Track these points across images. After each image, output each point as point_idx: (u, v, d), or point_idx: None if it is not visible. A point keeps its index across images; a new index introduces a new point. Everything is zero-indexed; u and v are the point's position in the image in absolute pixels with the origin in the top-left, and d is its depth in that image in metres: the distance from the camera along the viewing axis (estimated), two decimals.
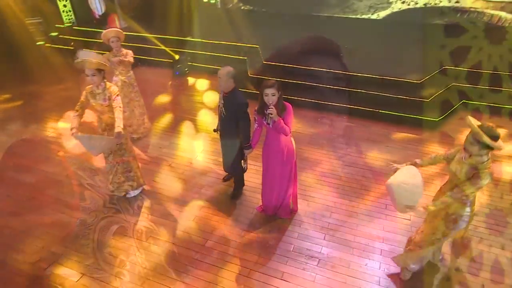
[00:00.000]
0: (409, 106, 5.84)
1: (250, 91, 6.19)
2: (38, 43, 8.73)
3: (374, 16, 8.97)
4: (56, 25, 9.12)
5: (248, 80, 6.73)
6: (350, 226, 3.94)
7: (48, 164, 5.02)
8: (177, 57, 7.47)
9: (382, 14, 8.88)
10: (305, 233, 3.85)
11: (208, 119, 6.08)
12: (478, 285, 3.30)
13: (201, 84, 7.43)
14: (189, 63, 7.59)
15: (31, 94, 7.07)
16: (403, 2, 8.61)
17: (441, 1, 8.30)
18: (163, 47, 8.03)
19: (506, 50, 6.89)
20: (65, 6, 9.08)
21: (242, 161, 3.93)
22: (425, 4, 8.44)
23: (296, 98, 6.17)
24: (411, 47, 7.34)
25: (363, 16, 9.05)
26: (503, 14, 7.95)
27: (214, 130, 4.10)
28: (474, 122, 2.54)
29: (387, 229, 3.89)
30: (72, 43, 8.16)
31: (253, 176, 4.58)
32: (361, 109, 5.99)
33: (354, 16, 9.13)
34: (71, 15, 9.16)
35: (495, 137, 2.42)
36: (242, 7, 10.08)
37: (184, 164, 4.96)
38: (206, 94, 7.02)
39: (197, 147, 5.34)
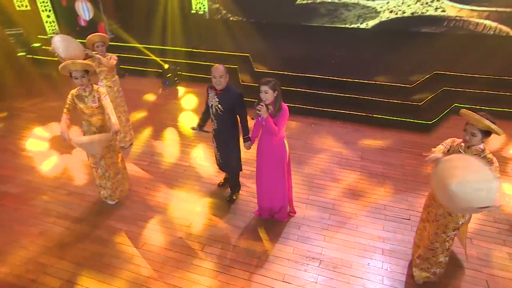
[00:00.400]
0: (402, 110, 6.07)
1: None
2: (19, 54, 8.73)
3: (363, 26, 9.38)
4: (39, 36, 9.18)
5: (239, 88, 6.88)
6: (350, 227, 4.02)
7: (32, 174, 4.97)
8: (166, 66, 7.60)
9: (371, 23, 9.29)
10: (304, 235, 3.90)
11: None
12: (483, 281, 3.41)
13: (191, 92, 7.55)
14: (178, 72, 7.71)
15: (12, 106, 7.03)
16: (390, 12, 9.05)
17: (427, 11, 8.77)
18: (152, 57, 8.17)
19: (492, 56, 7.32)
20: (48, 16, 9.19)
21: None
22: (412, 13, 8.89)
23: (289, 104, 6.33)
24: (401, 54, 7.67)
25: (352, 26, 9.45)
26: (487, 22, 8.44)
27: (193, 128, 4.13)
28: (470, 112, 2.70)
29: (387, 229, 3.99)
30: (56, 54, 8.13)
31: (250, 180, 4.65)
32: (354, 114, 6.18)
33: (343, 26, 9.53)
34: (54, 26, 9.25)
35: (493, 122, 2.58)
36: (231, 18, 10.39)
37: (178, 171, 4.99)
38: (196, 102, 7.13)
39: (190, 154, 5.39)
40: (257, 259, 3.62)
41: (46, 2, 9.01)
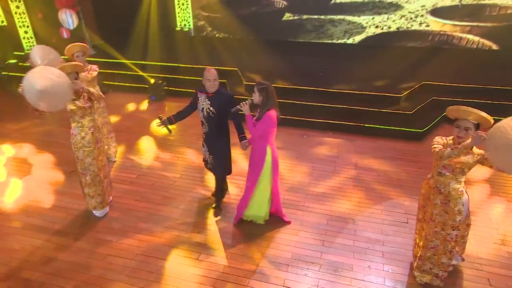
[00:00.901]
0: (393, 119, 6.37)
1: None
2: None
3: (349, 41, 9.87)
4: (15, 53, 9.26)
5: None
6: (348, 232, 4.14)
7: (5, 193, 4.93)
8: (152, 81, 7.76)
9: (358, 38, 9.79)
10: (302, 241, 3.99)
11: (190, 139, 6.27)
12: (484, 279, 3.54)
13: (179, 107, 7.66)
14: (165, 87, 7.88)
15: None
16: (376, 27, 9.59)
17: (412, 25, 9.33)
18: (139, 72, 8.34)
19: (477, 68, 7.85)
20: (26, 32, 9.32)
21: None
22: (397, 28, 9.45)
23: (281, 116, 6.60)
24: (388, 66, 8.08)
25: (339, 41, 9.94)
26: (470, 36, 9.05)
27: (160, 118, 4.14)
28: (460, 107, 2.93)
29: (386, 233, 4.12)
30: (33, 65, 8.23)
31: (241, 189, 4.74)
32: (345, 124, 6.44)
33: (330, 41, 10.00)
34: (32, 42, 9.38)
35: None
36: (217, 35, 10.75)
37: (168, 182, 5.05)
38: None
39: (180, 166, 5.46)
40: (255, 265, 3.67)
41: (24, 18, 9.18)
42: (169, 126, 4.19)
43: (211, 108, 3.91)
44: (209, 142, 4.18)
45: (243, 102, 3.65)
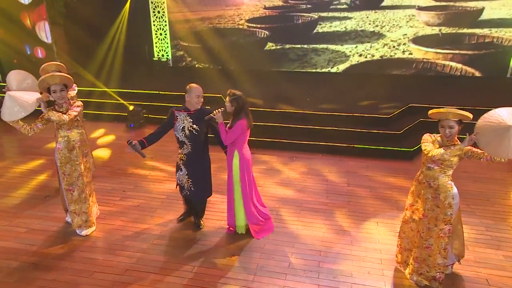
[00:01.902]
0: (382, 139, 6.97)
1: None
2: None
3: (333, 70, 10.75)
4: None
5: None
6: (345, 242, 4.50)
7: None
8: (131, 107, 8.18)
9: (342, 67, 10.70)
10: (299, 252, 4.31)
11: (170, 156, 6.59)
12: (483, 280, 3.93)
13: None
14: (144, 114, 8.31)
15: None
16: (360, 55, 10.54)
17: (395, 54, 10.34)
18: (120, 100, 8.77)
19: (460, 93, 8.74)
20: None
21: None
22: (381, 57, 10.43)
23: (266, 139, 7.11)
24: (374, 92, 8.85)
25: (323, 70, 10.80)
26: (453, 64, 10.10)
27: (130, 143, 4.22)
28: (439, 109, 3.48)
29: (383, 242, 4.50)
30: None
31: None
32: (335, 145, 6.98)
33: (314, 70, 10.85)
34: None
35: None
36: (197, 65, 11.46)
37: (155, 203, 5.33)
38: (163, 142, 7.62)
39: (167, 186, 5.76)
40: (252, 275, 3.93)
41: None
42: (141, 150, 4.27)
43: (194, 126, 4.23)
44: (191, 165, 4.40)
45: (216, 110, 4.12)
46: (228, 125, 4.25)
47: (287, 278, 3.90)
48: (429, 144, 3.57)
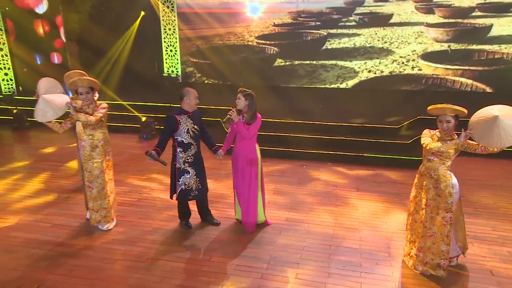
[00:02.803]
0: (390, 149, 7.52)
1: None
2: None
3: (342, 85, 11.40)
4: None
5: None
6: (354, 238, 4.99)
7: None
8: (144, 119, 8.84)
9: (351, 83, 11.35)
10: (310, 246, 4.80)
11: None
12: (487, 271, 4.37)
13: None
14: (156, 126, 8.94)
15: None
16: (369, 71, 11.20)
17: (405, 70, 10.99)
18: (134, 112, 9.46)
19: (471, 107, 9.27)
20: (6, 74, 10.57)
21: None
22: (390, 72, 11.08)
23: (277, 148, 7.70)
24: (384, 106, 9.46)
25: (332, 86, 11.46)
26: (463, 80, 10.70)
27: (149, 154, 4.64)
28: (437, 106, 4.05)
29: (391, 238, 4.98)
30: (15, 111, 9.34)
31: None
32: (343, 154, 7.55)
33: (323, 86, 11.50)
34: (12, 84, 10.57)
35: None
36: (206, 81, 12.18)
37: (173, 203, 5.81)
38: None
39: None
40: (266, 264, 4.42)
41: (6, 61, 10.51)
42: (160, 158, 4.72)
43: (195, 126, 4.85)
44: (197, 164, 4.95)
45: (231, 111, 4.74)
46: (244, 120, 4.82)
47: (299, 267, 4.37)
48: (427, 138, 4.13)
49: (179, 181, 4.92)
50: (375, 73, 11.20)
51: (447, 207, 4.08)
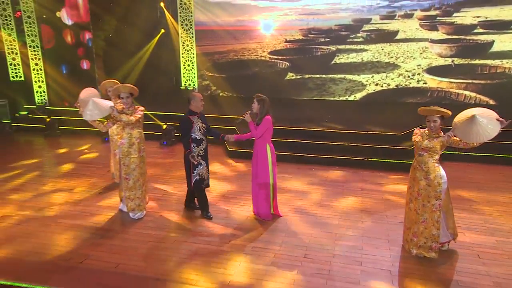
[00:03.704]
0: (395, 154, 8.21)
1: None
2: (3, 121, 10.83)
3: (351, 98, 12.17)
4: (25, 106, 11.39)
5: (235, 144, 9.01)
6: (357, 228, 5.68)
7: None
8: (164, 126, 9.68)
9: (359, 95, 12.11)
10: (317, 233, 5.51)
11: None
12: (474, 255, 5.01)
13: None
14: (176, 134, 9.77)
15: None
16: (376, 84, 11.97)
17: (410, 83, 11.73)
18: (156, 121, 10.32)
19: None
20: (40, 87, 11.73)
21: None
22: (396, 86, 11.82)
23: (287, 153, 8.45)
24: (389, 117, 10.19)
25: (341, 98, 12.23)
26: (467, 92, 11.38)
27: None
28: (425, 108, 4.78)
29: (391, 229, 5.66)
30: (48, 119, 10.29)
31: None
32: (350, 159, 8.28)
33: (332, 99, 12.28)
34: (44, 96, 11.66)
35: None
36: (221, 94, 13.06)
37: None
38: None
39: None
40: (279, 246, 5.13)
41: (41, 74, 11.56)
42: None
43: (203, 125, 5.77)
44: (207, 156, 5.84)
45: (245, 113, 5.60)
46: (255, 122, 5.63)
47: (307, 250, 5.08)
48: (418, 136, 4.86)
49: (193, 173, 5.76)
50: (382, 86, 11.95)
51: (436, 195, 4.78)
